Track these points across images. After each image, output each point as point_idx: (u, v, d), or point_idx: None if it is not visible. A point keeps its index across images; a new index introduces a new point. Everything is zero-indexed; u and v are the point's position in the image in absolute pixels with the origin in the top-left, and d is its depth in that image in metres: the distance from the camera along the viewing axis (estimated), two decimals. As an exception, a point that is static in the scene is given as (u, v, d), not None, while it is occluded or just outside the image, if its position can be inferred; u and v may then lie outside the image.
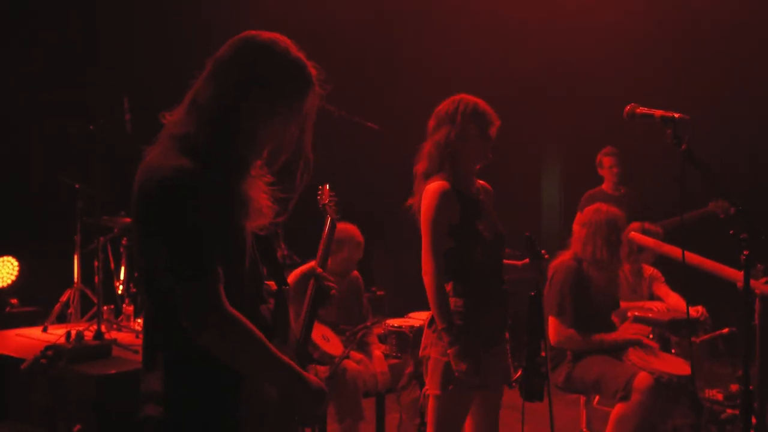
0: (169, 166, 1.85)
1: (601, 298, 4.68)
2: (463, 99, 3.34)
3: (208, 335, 1.84)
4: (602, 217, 4.64)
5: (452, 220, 3.24)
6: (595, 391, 4.60)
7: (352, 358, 4.66)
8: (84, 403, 5.11)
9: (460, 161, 3.30)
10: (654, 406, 4.28)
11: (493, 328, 3.30)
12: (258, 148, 2.03)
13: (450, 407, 3.25)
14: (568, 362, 4.63)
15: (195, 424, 1.92)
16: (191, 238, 1.83)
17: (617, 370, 4.41)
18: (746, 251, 2.44)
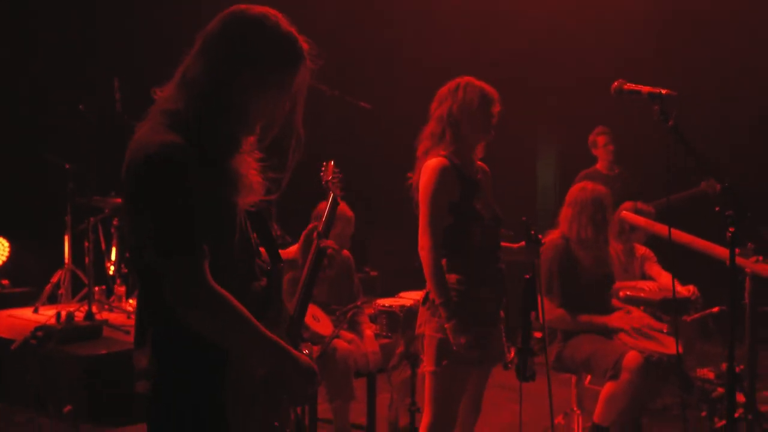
0: (157, 141, 1.83)
1: (591, 277, 4.66)
2: (466, 78, 3.36)
3: (193, 313, 1.83)
4: (587, 196, 4.62)
5: (452, 197, 3.24)
6: (585, 371, 4.60)
7: (342, 337, 4.65)
8: (74, 384, 5.11)
9: (461, 135, 3.30)
10: (643, 384, 4.28)
11: (489, 306, 3.30)
12: (249, 124, 2.01)
13: (445, 384, 3.26)
14: (559, 342, 4.62)
15: (182, 402, 1.91)
16: (178, 214, 1.81)
17: (607, 349, 4.40)
18: (732, 228, 2.42)
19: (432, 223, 3.21)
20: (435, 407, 3.28)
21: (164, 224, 1.81)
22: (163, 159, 1.81)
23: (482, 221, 3.25)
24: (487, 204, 3.32)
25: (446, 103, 3.30)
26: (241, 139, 2.00)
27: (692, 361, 5.73)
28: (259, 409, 1.99)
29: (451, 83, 3.36)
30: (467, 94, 3.28)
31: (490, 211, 3.31)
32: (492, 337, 3.32)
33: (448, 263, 3.29)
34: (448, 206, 3.24)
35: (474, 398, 3.42)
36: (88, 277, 6.09)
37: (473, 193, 3.27)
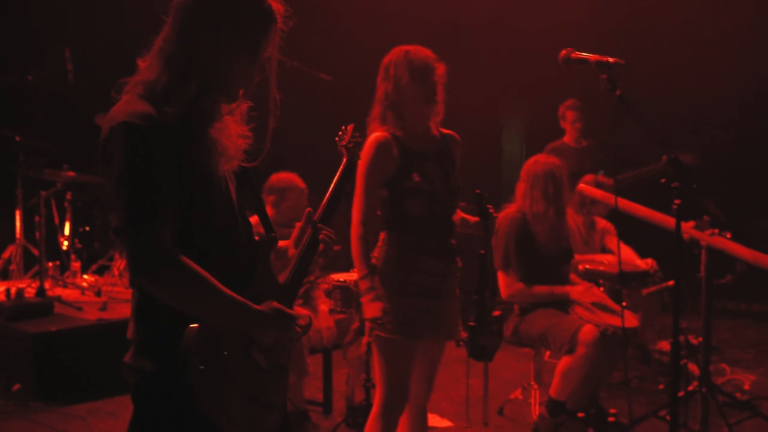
0: (126, 111, 1.85)
1: (548, 251, 4.62)
2: (396, 50, 3.25)
3: (151, 280, 1.84)
4: (539, 169, 4.57)
5: (387, 171, 3.17)
6: (542, 345, 4.57)
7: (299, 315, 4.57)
8: (23, 362, 5.00)
9: (403, 112, 3.22)
10: (599, 358, 4.25)
11: (432, 280, 3.22)
12: (225, 89, 1.99)
13: (384, 356, 3.21)
14: (516, 316, 4.59)
15: (159, 368, 1.90)
16: (138, 181, 1.81)
17: (563, 323, 4.37)
18: (677, 200, 2.37)
19: (364, 197, 3.19)
20: (381, 380, 3.24)
21: (124, 192, 1.81)
22: (128, 127, 1.82)
23: (422, 194, 3.16)
24: (436, 176, 3.22)
25: (383, 84, 3.23)
26: (218, 105, 1.99)
27: (650, 334, 5.74)
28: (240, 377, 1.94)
29: (386, 57, 3.26)
30: (398, 71, 3.18)
31: (439, 183, 3.22)
32: (436, 312, 3.24)
33: (386, 237, 3.24)
34: (383, 180, 3.17)
35: (425, 374, 3.35)
36: (40, 253, 5.95)
37: (416, 165, 3.18)
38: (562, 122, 6.78)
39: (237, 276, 1.98)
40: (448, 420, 4.77)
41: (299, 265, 2.18)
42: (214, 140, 1.95)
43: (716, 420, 4.35)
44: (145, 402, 1.94)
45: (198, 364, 1.86)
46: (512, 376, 5.42)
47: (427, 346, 3.31)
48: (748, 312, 8.09)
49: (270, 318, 1.94)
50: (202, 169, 1.92)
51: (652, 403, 4.84)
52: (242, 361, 1.96)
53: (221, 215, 1.99)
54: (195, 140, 1.91)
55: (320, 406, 4.91)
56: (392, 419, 3.26)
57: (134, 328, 1.96)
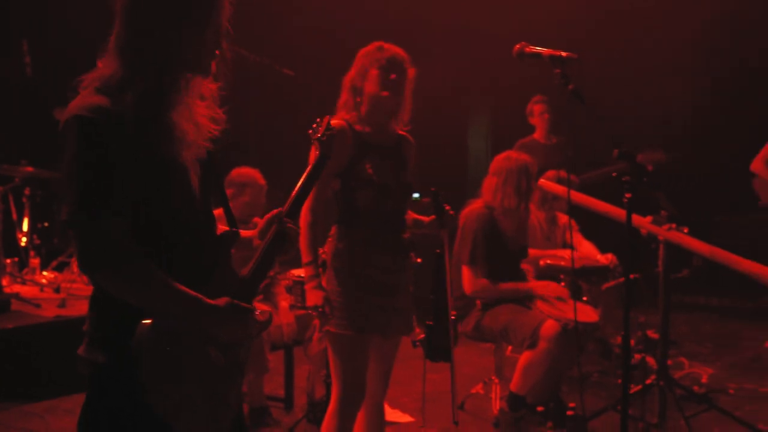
0: (80, 105, 1.84)
1: (512, 246, 4.65)
2: (376, 43, 3.26)
3: (99, 274, 1.84)
4: (512, 165, 4.58)
5: (341, 161, 3.15)
6: (503, 340, 4.59)
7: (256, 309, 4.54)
8: (-22, 360, 4.91)
9: (364, 101, 3.22)
10: (560, 353, 4.29)
11: (385, 275, 3.21)
12: (187, 67, 1.96)
13: (336, 351, 3.20)
14: (478, 311, 4.61)
15: (112, 361, 1.89)
16: (89, 174, 1.80)
17: (525, 318, 4.39)
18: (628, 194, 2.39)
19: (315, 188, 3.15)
20: (336, 377, 3.22)
21: (74, 185, 1.80)
22: (78, 121, 1.81)
23: (374, 186, 3.15)
24: (390, 171, 3.22)
25: (352, 72, 3.25)
26: (176, 89, 1.95)
27: (610, 328, 5.80)
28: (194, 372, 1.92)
29: (362, 49, 3.28)
30: (366, 60, 3.20)
31: (393, 179, 3.21)
32: (390, 308, 3.22)
33: (338, 229, 3.23)
34: (336, 169, 3.16)
35: (380, 370, 3.33)
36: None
37: (369, 156, 3.18)
38: (530, 118, 6.77)
39: (198, 270, 1.96)
40: (410, 416, 4.77)
41: (262, 260, 2.16)
42: (174, 125, 1.93)
43: (674, 413, 4.41)
44: (98, 394, 1.92)
45: (150, 359, 1.83)
46: (473, 371, 5.43)
47: (381, 342, 3.29)
48: (707, 306, 8.21)
49: (225, 313, 1.92)
50: (162, 158, 1.90)
51: (612, 397, 4.88)
52: (197, 357, 1.94)
53: (182, 205, 1.97)
54: (153, 128, 1.89)
55: (281, 402, 4.90)
56: (349, 415, 3.24)
57: (89, 320, 1.94)
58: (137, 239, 1.84)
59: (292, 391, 4.92)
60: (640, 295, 4.84)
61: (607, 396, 5.04)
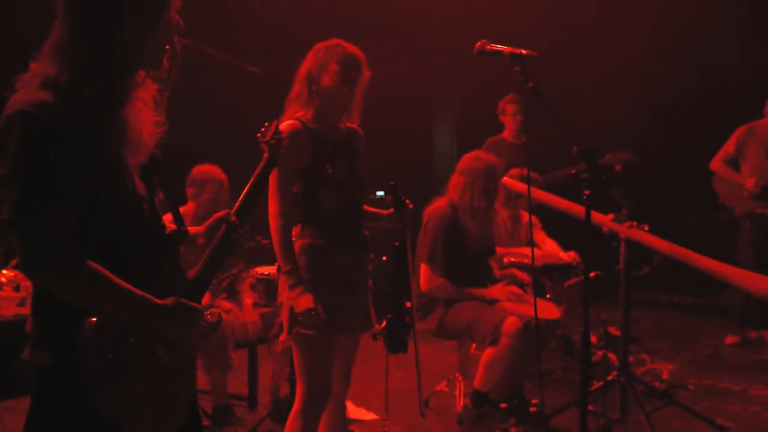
0: (23, 100, 1.78)
1: (476, 246, 4.66)
2: (335, 40, 3.25)
3: (42, 275, 1.79)
4: (481, 166, 4.59)
5: (300, 161, 3.14)
6: (466, 336, 4.61)
7: (220, 307, 4.52)
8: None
9: (319, 97, 3.20)
10: (522, 349, 4.32)
11: (347, 273, 3.21)
12: (131, 70, 1.92)
13: (304, 351, 3.17)
14: (441, 308, 4.62)
15: (56, 362, 1.85)
16: (31, 173, 1.74)
17: (487, 315, 4.41)
18: (587, 191, 2.41)
19: (279, 190, 3.13)
20: (302, 377, 3.19)
21: (15, 184, 1.74)
22: (21, 117, 1.75)
23: (334, 184, 3.15)
24: (347, 167, 3.22)
25: (307, 64, 3.23)
26: (125, 87, 1.91)
27: (573, 325, 5.85)
28: (140, 373, 1.89)
29: (320, 44, 3.26)
30: (327, 54, 3.19)
31: (349, 174, 3.21)
32: (351, 305, 3.23)
33: (301, 229, 3.21)
34: (297, 171, 3.15)
35: (342, 368, 3.33)
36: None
37: (328, 155, 3.17)
38: (501, 116, 6.75)
39: (145, 270, 1.93)
40: (374, 413, 4.77)
41: (211, 261, 2.14)
42: (125, 126, 1.89)
43: (635, 409, 4.46)
44: (44, 396, 1.89)
45: (96, 358, 1.81)
46: (438, 368, 5.45)
47: (344, 340, 3.29)
48: (669, 303, 8.33)
49: (172, 312, 1.89)
50: (109, 159, 1.86)
51: (575, 393, 4.92)
52: (144, 355, 1.91)
53: (129, 205, 1.93)
54: (101, 129, 1.85)
55: (245, 401, 4.87)
56: (314, 415, 3.23)
57: (32, 321, 1.90)
58: (82, 239, 1.80)
59: (256, 390, 4.90)
60: (602, 291, 4.89)
61: (569, 392, 5.09)
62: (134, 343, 1.89)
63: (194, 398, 2.16)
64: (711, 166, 6.60)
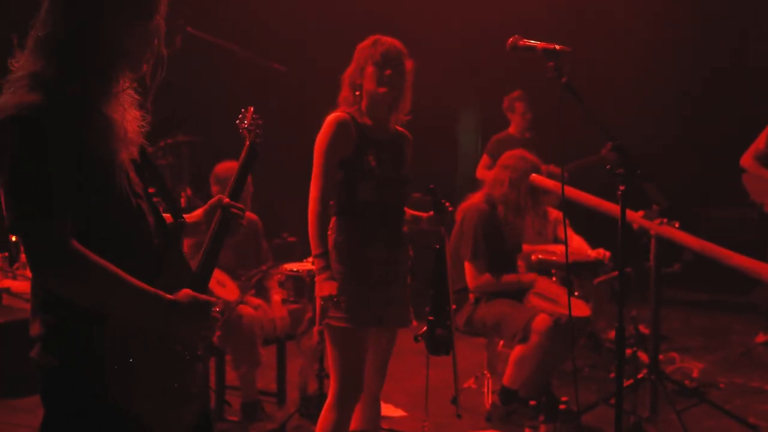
0: (15, 103, 1.77)
1: (511, 241, 4.67)
2: (370, 39, 3.27)
3: (53, 278, 1.78)
4: (528, 166, 4.60)
5: (345, 152, 3.17)
6: (495, 334, 4.60)
7: (249, 303, 4.55)
8: (-31, 355, 4.89)
9: (363, 95, 3.24)
10: (552, 347, 4.31)
11: (380, 267, 3.20)
12: (117, 66, 1.91)
13: (336, 344, 3.19)
14: (470, 305, 4.61)
15: (68, 363, 1.86)
16: (32, 176, 1.75)
17: (517, 312, 4.41)
18: (622, 186, 2.40)
19: (322, 176, 3.17)
20: (334, 370, 3.21)
21: (16, 189, 1.75)
22: (17, 122, 1.75)
23: (375, 177, 3.16)
24: (390, 162, 3.23)
25: (350, 67, 3.27)
26: (111, 85, 1.92)
27: (602, 322, 5.82)
28: (154, 368, 1.90)
29: (360, 45, 3.29)
30: (363, 55, 3.21)
31: (391, 170, 3.23)
32: (385, 300, 3.22)
33: (338, 221, 3.22)
34: (339, 161, 3.17)
35: (377, 363, 3.34)
36: (-13, 244, 5.83)
37: (371, 148, 3.19)
38: (509, 113, 6.81)
39: (146, 265, 1.91)
40: (402, 410, 4.78)
41: (211, 246, 2.17)
42: (112, 123, 1.89)
43: (665, 407, 4.43)
44: (55, 399, 1.89)
45: (111, 357, 1.82)
46: (466, 366, 5.41)
47: (378, 335, 3.30)
48: (698, 301, 8.24)
49: (185, 307, 1.89)
50: (102, 156, 1.85)
51: (603, 391, 4.90)
52: (156, 350, 1.91)
53: (126, 202, 1.92)
54: (91, 126, 1.84)
55: (274, 397, 4.89)
56: (347, 409, 3.24)
57: (40, 323, 1.87)
58: (82, 239, 1.79)
59: (285, 386, 4.92)
60: (632, 289, 4.86)
61: (597, 390, 5.05)
62: (146, 338, 1.89)
63: (207, 390, 2.16)
64: (741, 162, 6.52)
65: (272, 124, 3.97)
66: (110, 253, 1.81)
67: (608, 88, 7.83)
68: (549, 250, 5.22)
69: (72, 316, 1.84)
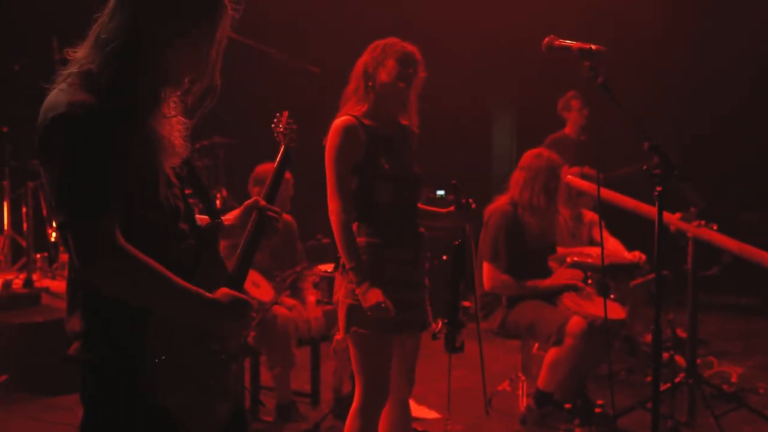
0: (66, 101, 1.77)
1: (536, 243, 4.62)
2: (391, 38, 3.25)
3: (100, 276, 1.78)
4: (543, 163, 4.55)
5: (356, 157, 3.12)
6: (529, 336, 4.57)
7: (284, 304, 4.57)
8: (10, 353, 4.98)
9: (375, 93, 3.19)
10: (587, 350, 4.27)
11: (403, 271, 3.18)
12: (171, 79, 1.93)
13: (362, 351, 3.15)
14: (503, 307, 4.59)
15: (109, 360, 1.87)
16: (82, 174, 1.75)
17: (551, 314, 4.37)
18: (659, 187, 2.37)
19: (339, 186, 3.11)
20: (360, 376, 3.17)
21: (68, 185, 1.76)
22: (69, 117, 1.75)
23: (391, 179, 3.13)
24: (402, 163, 3.20)
25: (364, 59, 3.22)
26: (162, 97, 1.93)
27: (638, 326, 5.75)
28: (192, 366, 1.93)
29: (378, 41, 3.25)
30: (385, 51, 3.17)
31: (404, 170, 3.19)
32: (408, 302, 3.19)
33: (357, 228, 3.17)
34: (352, 167, 3.13)
35: (404, 367, 3.31)
36: (27, 244, 5.92)
37: (382, 150, 3.15)
38: (565, 113, 6.61)
39: (183, 265, 1.92)
40: (436, 412, 4.77)
41: (247, 247, 2.19)
42: (157, 133, 1.89)
43: (703, 411, 4.37)
44: (95, 397, 1.90)
45: (150, 354, 1.84)
46: (500, 368, 5.41)
47: (403, 339, 3.26)
48: (736, 305, 8.11)
49: (225, 307, 1.91)
50: (144, 163, 1.87)
51: (639, 395, 4.84)
52: (193, 349, 1.94)
53: (163, 204, 1.93)
54: (137, 133, 1.85)
55: (308, 398, 4.91)
56: (373, 415, 3.21)
57: (80, 321, 1.88)
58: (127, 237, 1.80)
59: (319, 387, 4.94)
60: (668, 292, 4.80)
61: (633, 394, 5.00)
62: (184, 337, 1.91)
63: (241, 390, 2.19)
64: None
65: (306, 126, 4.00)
66: (147, 253, 1.82)
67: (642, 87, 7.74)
68: (584, 253, 5.18)
69: (113, 313, 1.85)
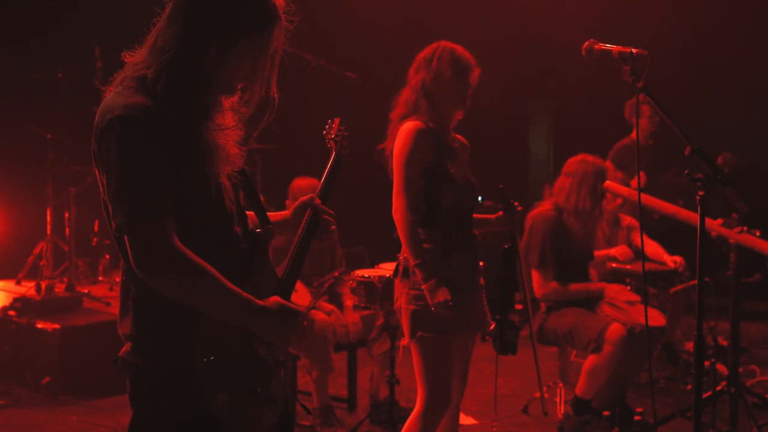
0: (122, 104, 1.80)
1: (579, 248, 4.60)
2: (441, 44, 3.29)
3: (156, 276, 1.81)
4: (589, 168, 4.53)
5: (426, 160, 3.18)
6: (568, 343, 4.54)
7: (322, 309, 4.59)
8: (52, 355, 5.06)
9: (436, 105, 3.25)
10: (626, 357, 4.23)
11: (463, 272, 3.23)
12: (225, 89, 1.95)
13: (427, 356, 3.18)
14: (542, 314, 4.57)
15: (160, 363, 1.89)
16: (141, 176, 1.78)
17: (590, 321, 4.34)
18: (701, 192, 2.34)
19: (407, 186, 3.15)
20: (425, 383, 3.18)
21: (125, 187, 1.78)
22: (127, 120, 1.77)
23: (456, 184, 3.19)
24: (461, 169, 3.26)
25: (420, 73, 3.26)
26: (216, 106, 1.94)
27: (678, 334, 5.68)
28: (240, 370, 1.95)
29: (428, 50, 3.30)
30: (441, 65, 3.21)
31: (464, 177, 3.26)
32: (469, 305, 3.24)
33: (421, 230, 3.21)
34: (422, 168, 3.18)
35: (460, 370, 3.34)
36: (69, 249, 6.02)
37: (447, 157, 3.22)
38: (633, 117, 6.52)
39: (234, 270, 1.94)
40: (473, 418, 4.75)
41: (300, 246, 2.20)
42: (211, 142, 1.91)
43: (745, 421, 4.29)
44: (146, 399, 1.92)
45: (203, 357, 1.86)
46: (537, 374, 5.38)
47: (463, 341, 3.32)
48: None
49: (273, 314, 1.92)
50: (198, 167, 1.88)
51: (679, 404, 4.78)
52: (244, 354, 1.96)
53: (217, 209, 1.95)
54: (192, 138, 1.87)
55: (345, 402, 4.93)
56: (434, 422, 3.23)
57: (132, 323, 1.91)
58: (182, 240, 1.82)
59: (355, 391, 4.95)
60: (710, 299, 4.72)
61: (673, 402, 4.94)
62: (234, 342, 1.93)
63: (286, 396, 2.18)
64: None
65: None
66: (201, 257, 1.84)
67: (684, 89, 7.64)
68: (611, 255, 5.11)
69: (164, 317, 1.88)
